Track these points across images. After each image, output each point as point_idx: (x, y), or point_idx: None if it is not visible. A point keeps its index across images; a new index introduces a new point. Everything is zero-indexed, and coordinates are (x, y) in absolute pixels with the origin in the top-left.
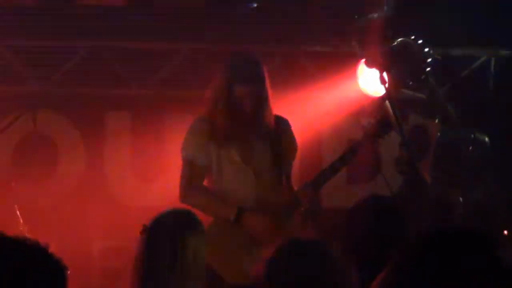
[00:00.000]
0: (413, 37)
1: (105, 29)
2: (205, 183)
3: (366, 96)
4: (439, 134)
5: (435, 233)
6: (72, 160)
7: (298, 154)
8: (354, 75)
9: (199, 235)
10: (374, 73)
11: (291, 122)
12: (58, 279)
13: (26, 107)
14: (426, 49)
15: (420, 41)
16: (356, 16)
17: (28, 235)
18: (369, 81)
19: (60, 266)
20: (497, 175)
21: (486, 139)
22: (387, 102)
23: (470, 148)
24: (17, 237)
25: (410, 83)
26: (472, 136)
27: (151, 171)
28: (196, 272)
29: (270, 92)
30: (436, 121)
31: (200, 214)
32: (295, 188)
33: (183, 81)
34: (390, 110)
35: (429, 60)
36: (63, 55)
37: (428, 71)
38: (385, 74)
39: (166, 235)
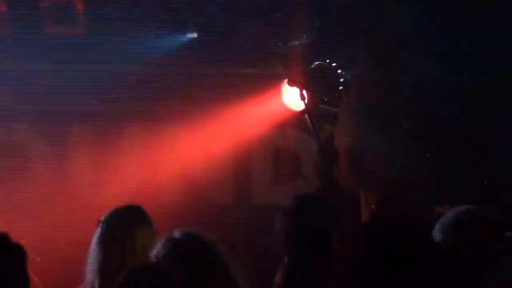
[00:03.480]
0: (328, 61)
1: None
2: None
3: (289, 110)
4: None
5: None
6: (40, 165)
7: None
8: (278, 92)
9: (147, 227)
10: (296, 91)
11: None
12: (18, 259)
13: (3, 121)
14: (339, 71)
15: (334, 64)
16: (280, 43)
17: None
18: (292, 98)
19: (21, 250)
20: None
21: None
22: (306, 115)
23: None
24: None
25: (325, 99)
26: None
27: (107, 175)
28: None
29: None
30: None
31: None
32: None
33: (137, 97)
34: (309, 122)
35: (342, 80)
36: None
37: (341, 89)
38: (304, 92)
39: (116, 228)
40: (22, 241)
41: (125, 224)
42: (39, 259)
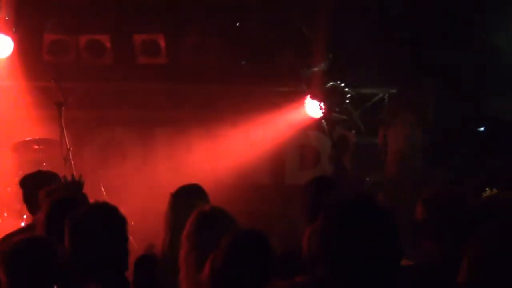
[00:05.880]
0: (338, 82)
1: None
2: None
3: (311, 118)
4: (354, 140)
5: (351, 198)
6: (134, 156)
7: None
8: (303, 104)
9: (204, 199)
10: (315, 103)
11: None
12: (121, 224)
13: (107, 125)
14: (346, 89)
15: (342, 84)
16: (304, 69)
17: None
18: (313, 108)
19: (123, 218)
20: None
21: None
22: (323, 121)
23: (373, 148)
24: (101, 203)
25: (337, 109)
26: (374, 141)
27: (181, 164)
28: None
29: None
30: (353, 132)
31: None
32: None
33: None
34: (325, 126)
35: (348, 95)
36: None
37: (347, 102)
38: (322, 104)
39: (183, 199)
40: (121, 210)
41: (189, 197)
42: (133, 223)
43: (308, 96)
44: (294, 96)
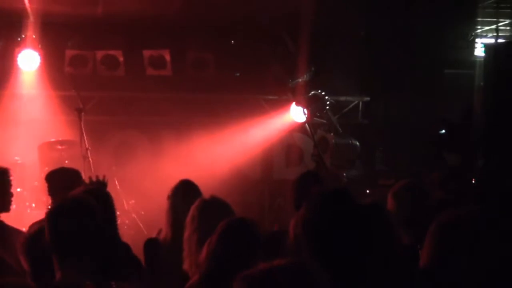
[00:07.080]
0: (319, 91)
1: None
2: None
3: (295, 122)
4: (333, 141)
5: (329, 191)
6: (143, 155)
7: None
8: (289, 110)
9: (198, 193)
10: (300, 109)
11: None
12: (93, 215)
13: (120, 128)
14: (326, 97)
15: (323, 93)
16: (290, 80)
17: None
18: (297, 114)
19: (96, 209)
20: (363, 162)
21: (357, 143)
22: (306, 124)
23: (349, 147)
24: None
25: (318, 114)
26: (350, 141)
27: (184, 161)
28: None
29: None
30: (332, 134)
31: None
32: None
33: (203, 114)
34: (308, 129)
35: (328, 102)
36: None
37: (327, 108)
38: (305, 110)
39: (179, 196)
40: (131, 202)
41: (184, 194)
42: (142, 212)
43: (293, 103)
44: (281, 103)
